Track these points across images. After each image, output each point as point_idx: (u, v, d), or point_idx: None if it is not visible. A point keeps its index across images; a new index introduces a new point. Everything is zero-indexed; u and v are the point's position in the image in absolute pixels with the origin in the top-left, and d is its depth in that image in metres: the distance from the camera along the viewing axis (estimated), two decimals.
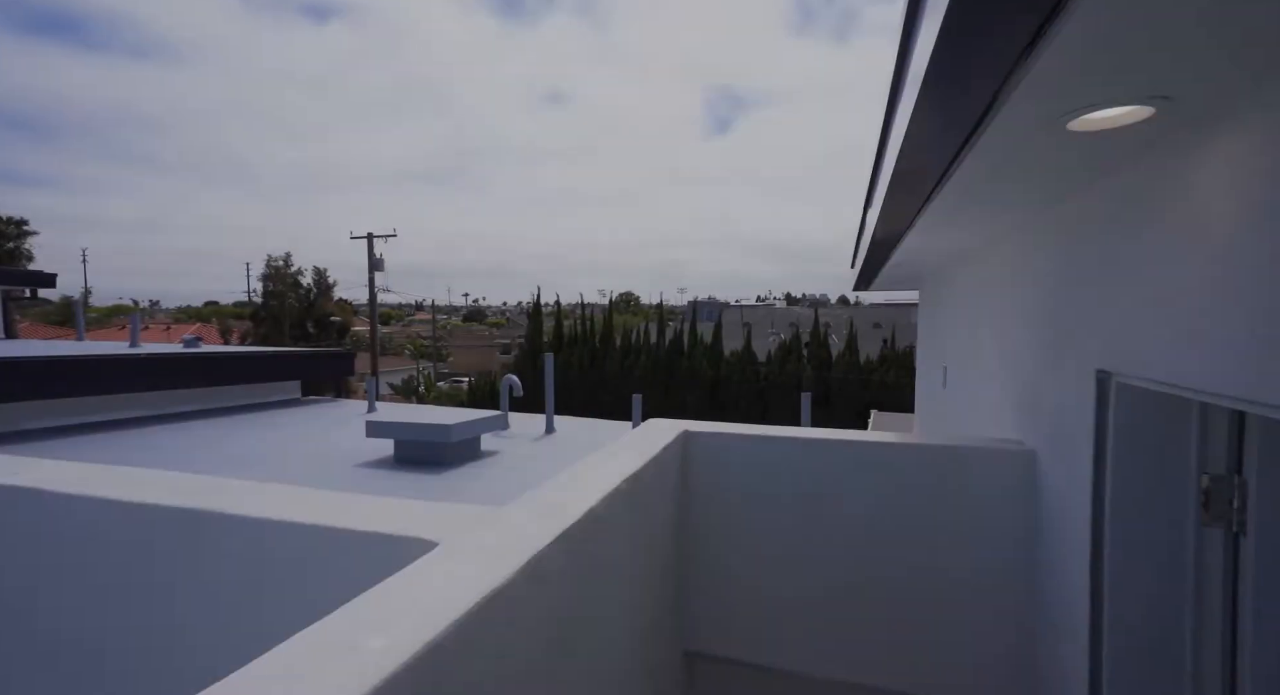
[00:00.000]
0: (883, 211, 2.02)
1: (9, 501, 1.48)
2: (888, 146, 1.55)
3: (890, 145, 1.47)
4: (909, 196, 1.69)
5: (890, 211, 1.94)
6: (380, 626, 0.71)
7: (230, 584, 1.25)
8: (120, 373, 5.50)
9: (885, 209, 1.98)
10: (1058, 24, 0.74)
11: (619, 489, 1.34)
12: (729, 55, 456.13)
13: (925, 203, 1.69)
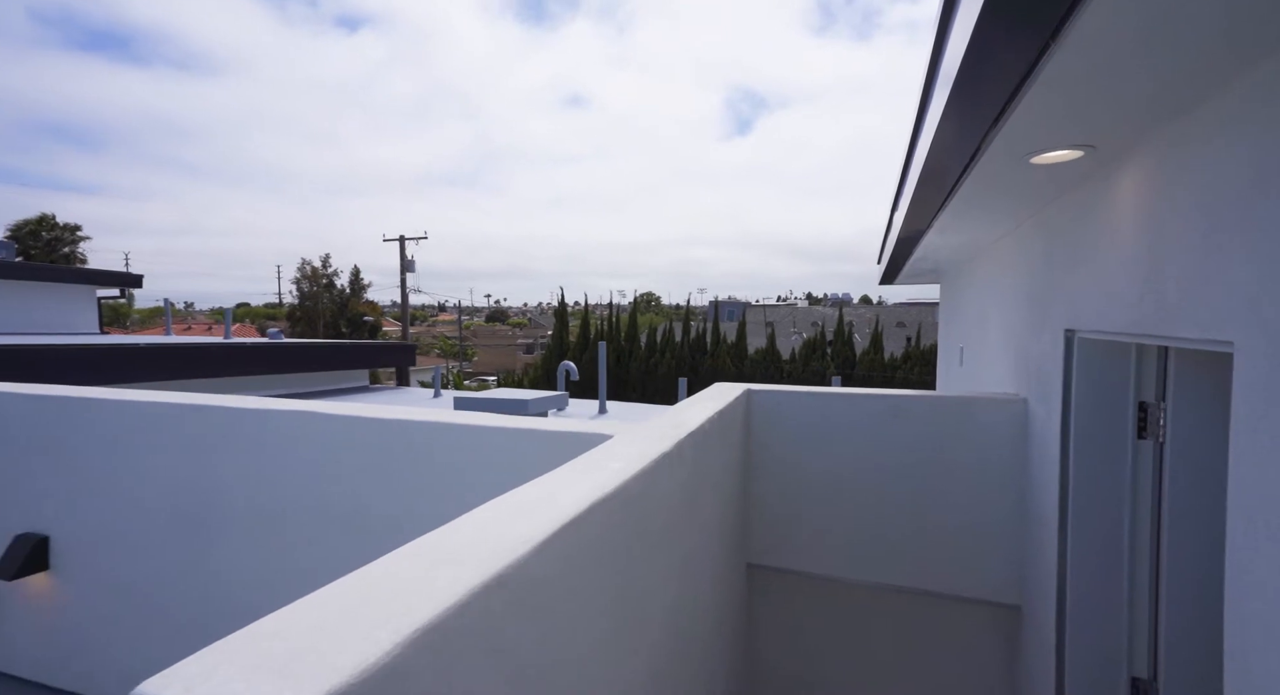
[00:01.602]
0: (909, 211, 2.54)
1: (250, 417, 2.08)
2: (913, 161, 2.07)
3: (914, 164, 1.99)
4: (927, 206, 2.21)
5: (915, 212, 2.46)
6: (593, 474, 1.26)
7: (451, 472, 1.84)
8: (222, 359, 6.23)
9: (911, 209, 2.49)
10: (1014, 106, 1.27)
11: (707, 422, 1.89)
12: (749, 56, 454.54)
13: (939, 210, 2.21)
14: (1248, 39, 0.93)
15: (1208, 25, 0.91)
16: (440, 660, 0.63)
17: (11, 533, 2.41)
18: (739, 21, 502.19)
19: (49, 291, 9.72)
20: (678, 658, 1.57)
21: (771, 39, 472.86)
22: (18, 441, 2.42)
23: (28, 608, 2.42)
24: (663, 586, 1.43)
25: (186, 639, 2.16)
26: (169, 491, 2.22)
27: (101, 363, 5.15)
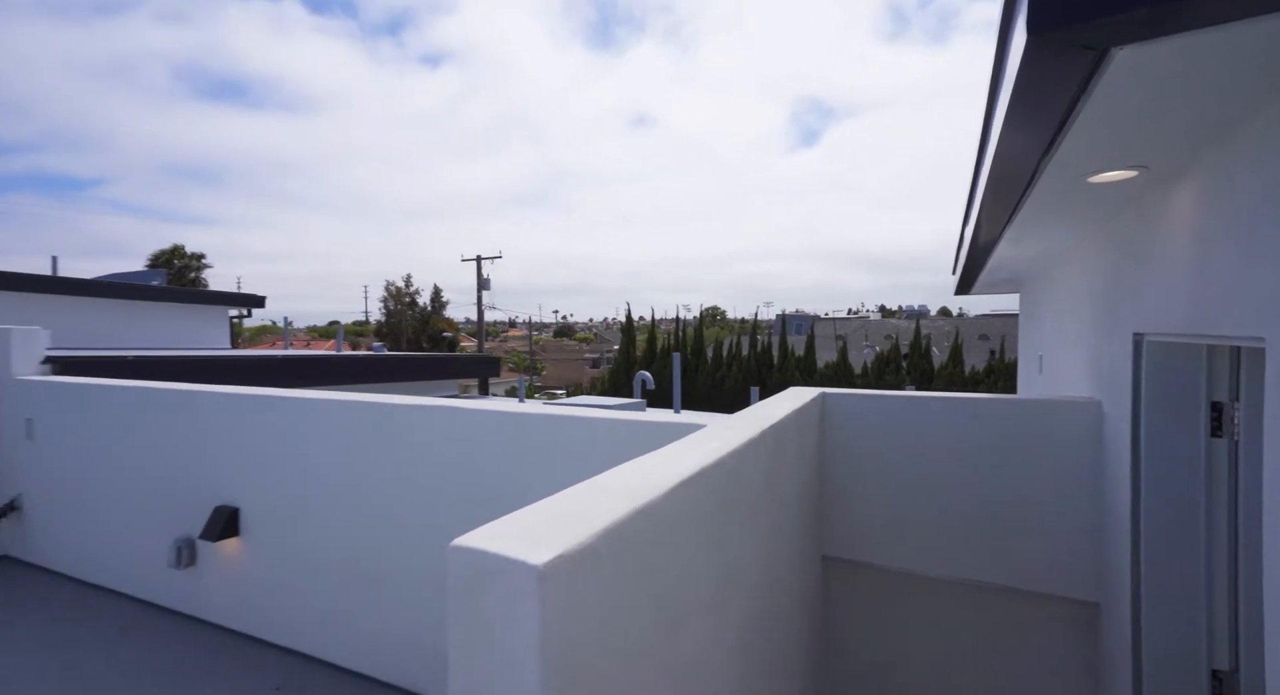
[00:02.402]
0: (977, 226, 2.67)
1: (399, 412, 2.51)
2: (979, 181, 2.24)
3: (979, 184, 2.16)
4: (994, 221, 2.36)
5: (983, 227, 2.60)
6: (697, 450, 1.53)
7: (569, 456, 2.17)
8: (341, 368, 7.04)
9: (979, 224, 2.62)
10: (1063, 135, 1.45)
11: (786, 418, 2.12)
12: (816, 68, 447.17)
13: (1006, 224, 2.35)
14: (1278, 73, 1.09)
15: (1243, 62, 1.07)
16: (610, 549, 0.93)
17: (211, 505, 2.99)
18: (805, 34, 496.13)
19: (192, 312, 11.23)
20: (762, 630, 1.80)
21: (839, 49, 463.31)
22: (217, 432, 3.01)
23: (223, 566, 2.98)
24: (749, 558, 1.68)
25: (344, 593, 2.61)
26: (331, 472, 2.70)
27: (251, 370, 6.02)
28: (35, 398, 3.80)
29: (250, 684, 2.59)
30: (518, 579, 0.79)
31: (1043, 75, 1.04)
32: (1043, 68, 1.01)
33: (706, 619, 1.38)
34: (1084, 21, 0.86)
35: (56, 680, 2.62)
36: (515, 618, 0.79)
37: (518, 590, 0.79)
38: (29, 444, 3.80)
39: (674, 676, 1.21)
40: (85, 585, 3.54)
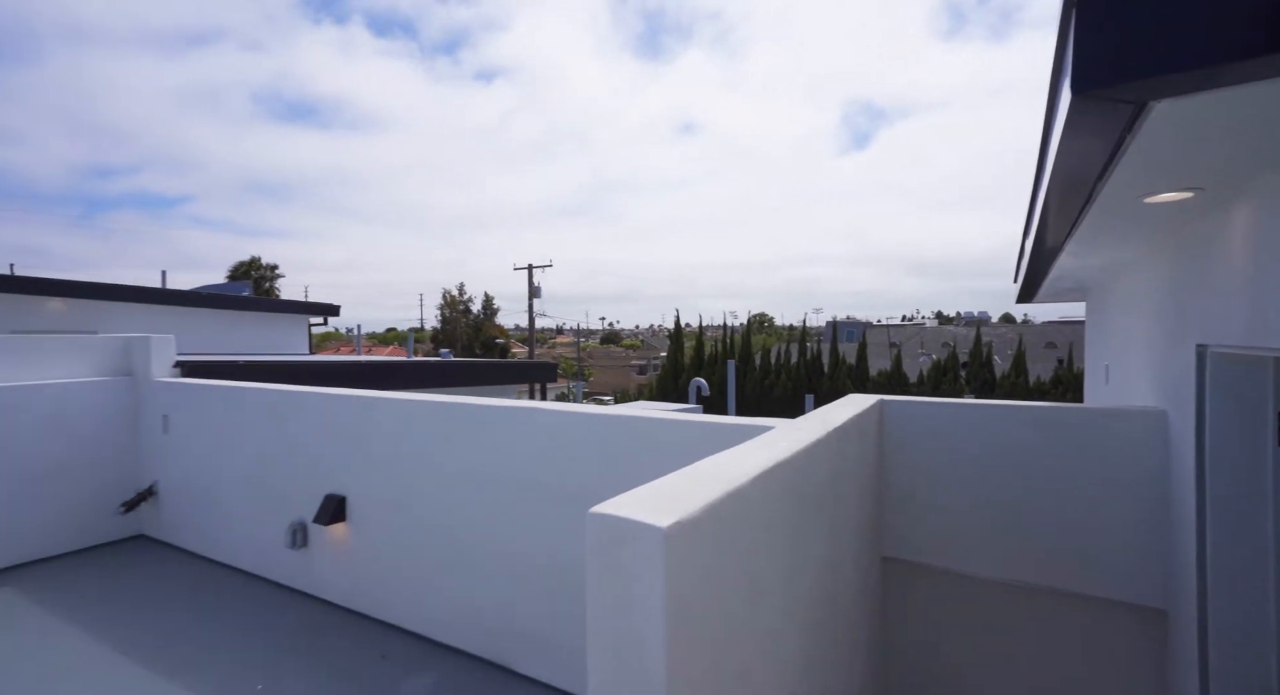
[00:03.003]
0: (1035, 241, 2.74)
1: (485, 412, 2.80)
2: (1036, 201, 2.33)
3: (1037, 203, 2.27)
4: (1054, 235, 2.44)
5: (1042, 242, 2.67)
6: (770, 448, 1.71)
7: (640, 454, 2.40)
8: (409, 373, 7.55)
9: (1037, 239, 2.70)
10: (1125, 150, 1.57)
11: (848, 422, 2.27)
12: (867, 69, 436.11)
13: (1065, 239, 2.43)
14: None
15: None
16: (710, 523, 1.14)
17: (322, 492, 3.38)
18: (856, 34, 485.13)
19: (277, 320, 12.21)
20: (825, 617, 1.96)
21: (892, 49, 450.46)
22: (328, 428, 3.41)
23: (332, 548, 3.37)
24: (814, 550, 1.85)
25: (439, 575, 2.92)
26: (427, 465, 3.02)
27: (337, 374, 6.59)
28: (169, 396, 4.36)
29: (357, 653, 2.93)
30: (647, 538, 1.01)
31: (1088, 123, 1.19)
32: (1087, 117, 1.17)
33: (779, 597, 1.57)
34: (1122, 83, 1.02)
35: (185, 642, 3.03)
36: (645, 567, 1.01)
37: (647, 546, 1.01)
38: (164, 437, 4.35)
39: (755, 640, 1.41)
40: (210, 562, 4.02)
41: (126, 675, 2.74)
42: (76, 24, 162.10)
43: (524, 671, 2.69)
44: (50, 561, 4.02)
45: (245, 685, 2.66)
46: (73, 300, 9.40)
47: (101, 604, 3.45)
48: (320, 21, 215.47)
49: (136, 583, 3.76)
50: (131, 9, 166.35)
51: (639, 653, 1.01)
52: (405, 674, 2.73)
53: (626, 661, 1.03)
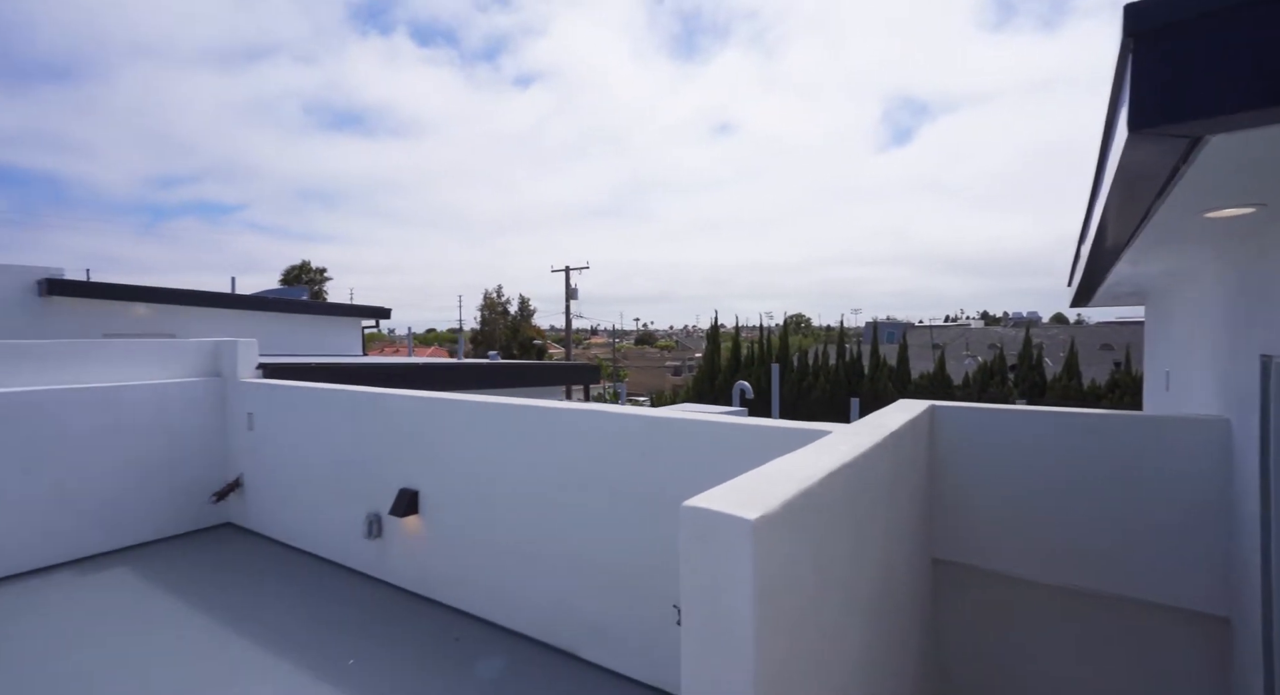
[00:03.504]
0: (1092, 250, 2.75)
1: (549, 414, 2.98)
2: (1093, 214, 2.37)
3: (1094, 216, 2.31)
4: (1113, 243, 2.47)
5: (1099, 251, 2.69)
6: (833, 451, 1.82)
7: (701, 454, 2.54)
8: (462, 374, 7.88)
9: (1094, 249, 2.71)
10: (1182, 175, 1.63)
11: (901, 428, 2.35)
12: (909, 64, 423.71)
13: (1124, 248, 2.45)
14: None
15: None
16: (787, 518, 1.27)
17: (396, 487, 3.64)
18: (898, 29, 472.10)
19: (333, 322, 12.85)
20: (881, 614, 2.06)
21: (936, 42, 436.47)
22: (403, 427, 3.67)
23: (406, 538, 3.63)
24: (871, 548, 1.96)
25: (506, 565, 3.12)
26: (494, 462, 3.24)
27: (397, 375, 6.98)
28: (254, 396, 4.73)
29: (430, 635, 3.16)
30: (737, 528, 1.15)
31: (1144, 152, 1.28)
32: (1143, 147, 1.26)
33: (842, 591, 1.68)
34: (1176, 121, 1.11)
35: (274, 619, 3.33)
36: (735, 554, 1.16)
37: (737, 536, 1.15)
38: (249, 433, 4.73)
39: (822, 628, 1.53)
40: (292, 549, 4.36)
41: (226, 646, 3.05)
42: (146, 44, 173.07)
43: (587, 657, 2.86)
44: (156, 544, 4.44)
45: (336, 659, 2.92)
46: (154, 305, 10.14)
47: (199, 584, 3.81)
48: (367, 33, 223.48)
49: (228, 566, 4.12)
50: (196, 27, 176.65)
51: (730, 626, 1.16)
52: (477, 655, 2.95)
53: (718, 634, 1.18)
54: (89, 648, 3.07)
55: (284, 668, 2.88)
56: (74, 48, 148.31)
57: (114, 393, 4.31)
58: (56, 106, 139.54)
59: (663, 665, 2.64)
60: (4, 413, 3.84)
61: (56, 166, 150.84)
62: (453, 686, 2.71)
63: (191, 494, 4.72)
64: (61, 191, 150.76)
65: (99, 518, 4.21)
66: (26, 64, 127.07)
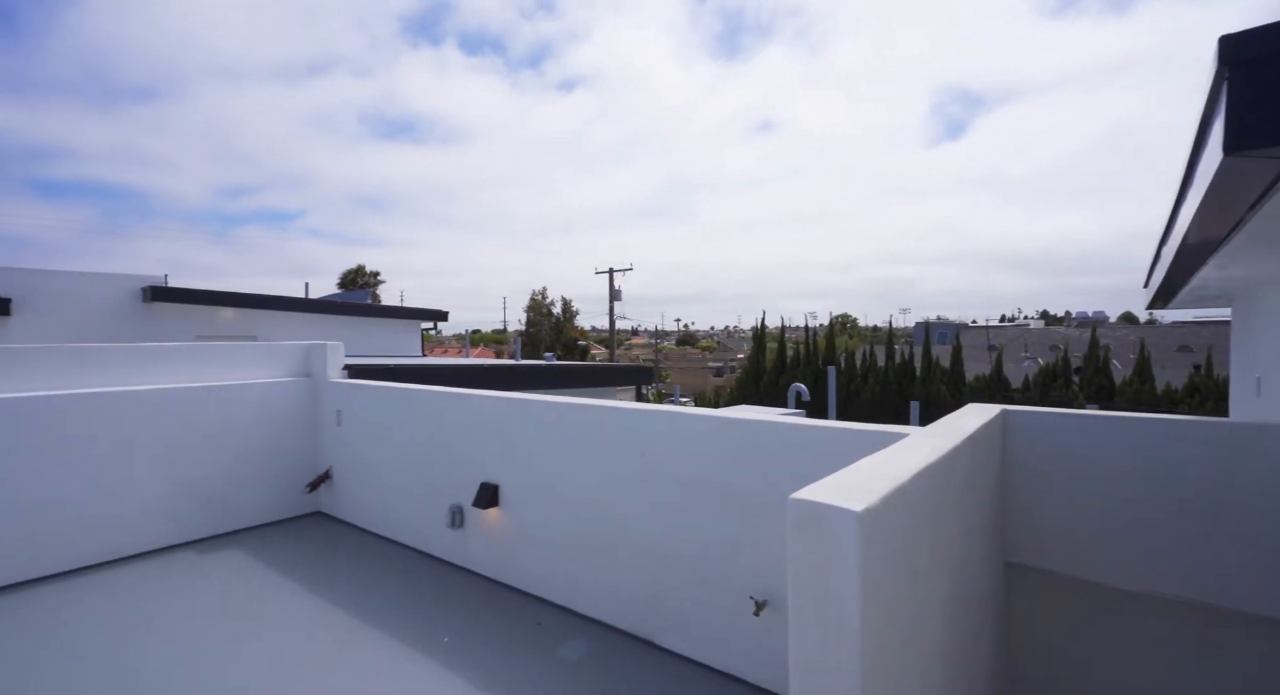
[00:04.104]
0: (1179, 250, 2.72)
1: (626, 415, 3.15)
2: (1172, 231, 2.37)
3: (1174, 230, 2.31)
4: (1200, 248, 2.45)
5: (1183, 260, 2.66)
6: (916, 452, 1.91)
7: (780, 453, 2.66)
8: (518, 375, 8.21)
9: (1180, 247, 2.68)
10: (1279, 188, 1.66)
11: (977, 431, 2.41)
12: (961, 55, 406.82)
13: (1214, 251, 2.43)
14: None
15: None
16: (885, 511, 1.39)
17: (478, 480, 3.91)
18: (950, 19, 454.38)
19: (396, 325, 13.53)
20: (958, 613, 2.13)
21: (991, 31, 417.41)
22: (484, 425, 3.94)
23: (487, 529, 3.89)
24: (949, 548, 2.04)
25: (583, 556, 3.32)
26: (571, 459, 3.44)
27: (461, 376, 7.36)
28: (342, 394, 5.13)
29: (511, 620, 3.39)
30: (844, 519, 1.29)
31: (1239, 170, 1.34)
32: (1238, 165, 1.32)
33: (926, 585, 1.78)
34: (1273, 145, 1.18)
35: (362, 602, 3.63)
36: (842, 541, 1.29)
37: (845, 526, 1.29)
38: (337, 429, 5.13)
39: (911, 617, 1.64)
40: (377, 537, 4.71)
41: (330, 620, 3.36)
42: (220, 64, 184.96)
43: (663, 645, 3.03)
44: (259, 529, 4.88)
45: (430, 634, 3.18)
46: (238, 309, 10.95)
47: (300, 564, 4.18)
48: (418, 46, 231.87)
49: (322, 550, 4.49)
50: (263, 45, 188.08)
51: (837, 604, 1.29)
52: (559, 639, 3.16)
53: (826, 611, 1.31)
54: (213, 619, 3.44)
55: (386, 640, 3.16)
56: (157, 70, 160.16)
57: (227, 391, 4.77)
58: (141, 125, 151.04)
59: (737, 653, 2.78)
60: (140, 408, 4.32)
61: (141, 180, 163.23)
62: (539, 666, 2.92)
63: (287, 484, 5.15)
64: (144, 203, 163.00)
65: (214, 504, 4.67)
66: (116, 87, 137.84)
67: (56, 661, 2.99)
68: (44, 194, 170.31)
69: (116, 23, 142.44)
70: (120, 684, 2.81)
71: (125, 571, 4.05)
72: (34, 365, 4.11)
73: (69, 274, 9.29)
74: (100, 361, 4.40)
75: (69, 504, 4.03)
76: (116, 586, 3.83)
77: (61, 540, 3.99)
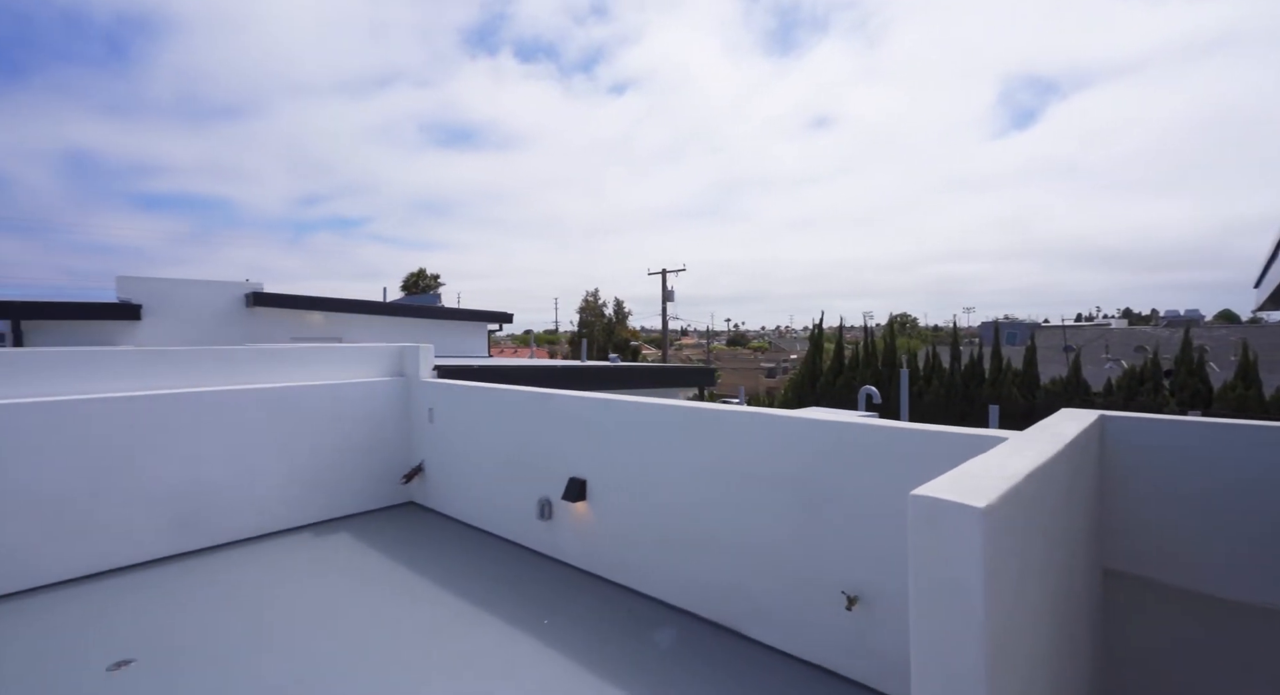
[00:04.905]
0: None
1: (718, 415, 3.30)
2: None
3: None
4: None
5: None
6: (1021, 455, 1.96)
7: (873, 457, 2.75)
8: (588, 375, 8.49)
9: None
10: None
11: (1078, 436, 2.42)
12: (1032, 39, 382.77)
13: None
14: None
15: None
16: (1000, 509, 1.49)
17: (566, 476, 4.16)
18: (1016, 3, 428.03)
19: (465, 326, 14.19)
20: (1061, 614, 2.16)
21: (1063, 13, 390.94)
22: (571, 423, 4.18)
23: (574, 521, 4.14)
24: (1054, 552, 2.08)
25: (671, 548, 3.49)
26: (659, 457, 3.62)
27: (545, 376, 7.74)
28: (433, 393, 5.52)
29: (602, 608, 3.60)
30: (968, 515, 1.39)
31: None
32: None
33: (1032, 587, 1.85)
34: None
35: (459, 585, 3.92)
36: (967, 538, 1.39)
37: (969, 521, 1.39)
38: (430, 426, 5.53)
39: (1022, 613, 1.72)
40: (469, 527, 5.06)
41: (434, 599, 3.67)
42: (296, 81, 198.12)
43: (752, 635, 3.16)
44: (361, 515, 5.33)
45: (527, 617, 3.44)
46: (326, 313, 11.80)
47: (400, 548, 4.56)
48: (476, 56, 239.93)
49: (418, 536, 4.87)
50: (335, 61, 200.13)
51: (960, 596, 1.40)
52: (650, 627, 3.34)
53: (948, 603, 1.42)
54: (331, 592, 3.83)
55: (491, 618, 3.44)
56: (242, 90, 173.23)
57: (335, 389, 5.24)
58: (227, 141, 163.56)
59: (827, 645, 2.88)
60: (266, 404, 4.83)
61: (227, 192, 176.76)
62: (634, 648, 3.12)
63: (384, 475, 5.59)
64: (230, 212, 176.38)
65: (326, 491, 5.15)
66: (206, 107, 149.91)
67: (218, 619, 3.43)
68: (144, 206, 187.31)
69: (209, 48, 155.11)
70: (266, 640, 3.19)
71: (264, 547, 4.54)
72: (180, 364, 4.67)
73: (186, 282, 10.35)
74: (235, 361, 4.94)
75: (222, 488, 4.56)
76: (259, 561, 4.31)
77: (212, 519, 4.52)
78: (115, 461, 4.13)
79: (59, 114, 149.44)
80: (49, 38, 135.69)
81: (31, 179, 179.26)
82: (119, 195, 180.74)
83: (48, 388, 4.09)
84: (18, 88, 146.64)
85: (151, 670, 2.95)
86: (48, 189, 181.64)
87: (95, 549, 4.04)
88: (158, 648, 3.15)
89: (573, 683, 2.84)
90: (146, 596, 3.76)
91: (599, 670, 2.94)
